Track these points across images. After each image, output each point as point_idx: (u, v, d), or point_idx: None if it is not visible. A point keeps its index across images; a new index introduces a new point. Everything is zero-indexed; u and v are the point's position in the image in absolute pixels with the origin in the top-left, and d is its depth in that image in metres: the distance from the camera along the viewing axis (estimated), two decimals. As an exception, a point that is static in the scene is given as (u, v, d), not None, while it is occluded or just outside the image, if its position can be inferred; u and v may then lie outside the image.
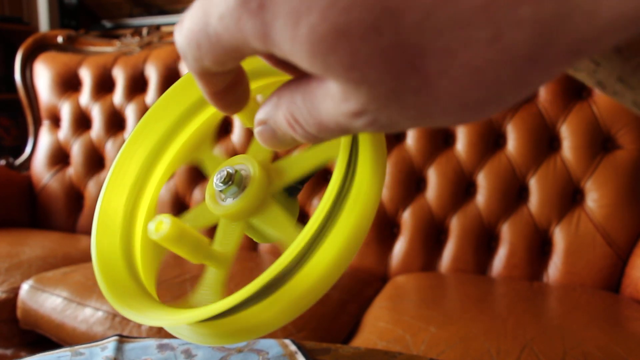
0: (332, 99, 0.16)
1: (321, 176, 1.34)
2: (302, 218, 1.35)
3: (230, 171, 0.27)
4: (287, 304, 0.23)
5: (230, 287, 0.24)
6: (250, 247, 1.38)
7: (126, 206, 0.32)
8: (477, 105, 0.15)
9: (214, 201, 0.28)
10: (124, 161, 0.32)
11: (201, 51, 0.17)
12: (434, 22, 0.13)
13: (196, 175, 1.47)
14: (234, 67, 0.19)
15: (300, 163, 0.28)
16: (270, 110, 0.19)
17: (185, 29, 0.17)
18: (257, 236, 0.30)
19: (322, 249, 0.24)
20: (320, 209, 0.23)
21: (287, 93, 0.18)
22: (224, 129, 1.47)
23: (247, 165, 0.28)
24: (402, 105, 0.15)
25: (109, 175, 0.32)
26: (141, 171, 0.32)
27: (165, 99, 0.32)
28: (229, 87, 0.21)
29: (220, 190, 0.28)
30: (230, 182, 0.27)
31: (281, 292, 0.23)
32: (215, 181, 0.28)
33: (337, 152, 0.25)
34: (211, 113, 0.34)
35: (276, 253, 1.32)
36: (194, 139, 0.34)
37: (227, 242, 0.28)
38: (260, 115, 0.20)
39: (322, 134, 0.18)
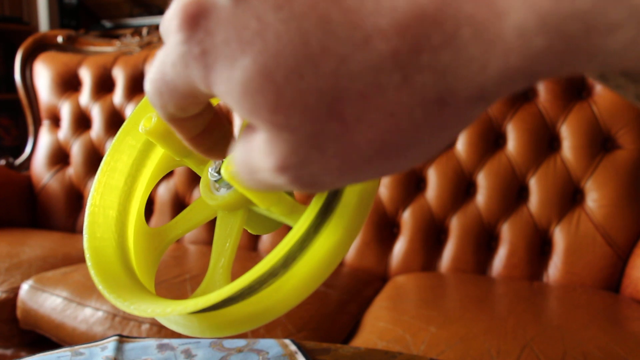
0: (258, 152, 0.17)
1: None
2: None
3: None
4: (294, 286, 0.23)
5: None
6: (250, 247, 1.38)
7: (120, 198, 0.32)
8: (398, 151, 0.15)
9: (209, 193, 0.27)
10: (116, 154, 0.32)
11: (164, 99, 0.18)
12: (349, 68, 0.14)
13: (196, 175, 1.47)
14: (199, 111, 0.20)
15: (286, 208, 0.28)
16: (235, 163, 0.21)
17: (149, 79, 0.18)
18: (257, 226, 0.30)
19: (328, 227, 0.23)
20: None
21: (239, 149, 0.19)
22: None
23: None
24: (323, 154, 0.15)
25: (100, 169, 0.32)
26: (134, 163, 0.32)
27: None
28: (205, 132, 0.22)
29: (216, 180, 0.28)
30: None
31: (288, 275, 0.23)
32: (210, 171, 0.28)
33: None
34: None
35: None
36: None
37: (227, 234, 0.28)
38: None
39: (259, 187, 0.18)
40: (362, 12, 0.14)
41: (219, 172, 0.27)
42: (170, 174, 1.51)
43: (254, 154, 0.17)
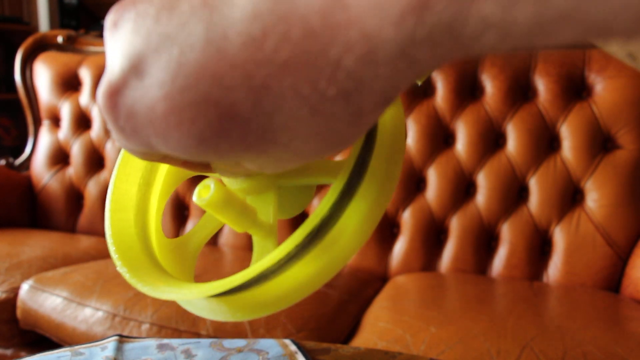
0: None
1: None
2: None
3: None
4: (330, 257, 0.23)
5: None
6: (250, 247, 1.38)
7: (140, 183, 0.31)
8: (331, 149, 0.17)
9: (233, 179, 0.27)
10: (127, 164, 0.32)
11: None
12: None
13: (199, 176, 1.47)
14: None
15: (316, 170, 0.28)
16: None
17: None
18: (287, 204, 0.29)
19: (360, 193, 0.23)
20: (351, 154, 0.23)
21: None
22: None
23: None
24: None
25: (121, 154, 0.31)
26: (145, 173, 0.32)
27: None
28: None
29: None
30: None
31: (324, 244, 0.23)
32: None
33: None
34: None
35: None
36: None
37: (264, 213, 0.27)
38: None
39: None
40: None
41: None
42: None
43: None
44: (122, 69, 0.16)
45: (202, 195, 0.23)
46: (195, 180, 1.46)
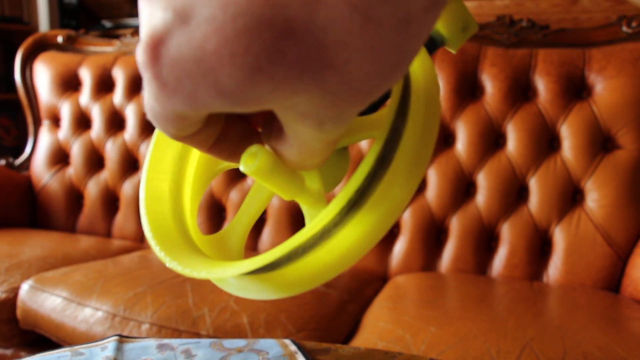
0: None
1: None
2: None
3: None
4: (369, 225, 0.22)
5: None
6: (250, 247, 1.38)
7: (171, 179, 0.31)
8: (379, 80, 0.16)
9: None
10: (165, 137, 0.31)
11: (161, 125, 0.19)
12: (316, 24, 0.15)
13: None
14: (201, 126, 0.20)
15: (353, 128, 0.27)
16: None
17: (146, 110, 0.19)
18: (327, 176, 0.29)
19: (395, 161, 0.23)
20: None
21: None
22: None
23: None
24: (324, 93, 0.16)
25: (150, 152, 0.31)
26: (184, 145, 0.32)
27: None
28: (220, 140, 0.23)
29: None
30: None
31: (374, 198, 0.22)
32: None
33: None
34: None
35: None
36: None
37: (309, 180, 0.27)
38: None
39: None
40: None
41: None
42: None
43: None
44: (164, 19, 0.16)
45: (249, 162, 0.22)
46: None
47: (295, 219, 1.35)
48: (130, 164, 1.56)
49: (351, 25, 0.15)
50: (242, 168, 0.22)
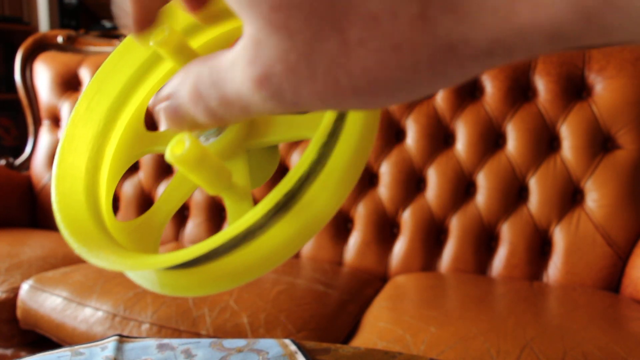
0: (239, 63, 0.16)
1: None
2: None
3: None
4: (308, 217, 0.21)
5: None
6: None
7: (91, 151, 0.29)
8: (388, 89, 0.14)
9: None
10: (84, 114, 0.30)
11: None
12: None
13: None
14: None
15: (285, 127, 0.26)
16: (177, 84, 0.19)
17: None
18: (256, 172, 0.28)
19: (334, 154, 0.22)
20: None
21: (197, 66, 0.18)
22: None
23: None
24: (312, 70, 0.14)
25: (69, 123, 0.29)
26: (105, 123, 0.30)
27: (114, 58, 0.31)
28: None
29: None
30: None
31: (302, 202, 0.21)
32: None
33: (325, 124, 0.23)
34: (167, 69, 0.32)
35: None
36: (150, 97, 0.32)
37: (237, 176, 0.26)
38: (166, 89, 0.20)
39: (223, 110, 0.17)
40: None
41: None
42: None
43: (226, 67, 0.16)
44: None
45: (176, 151, 0.21)
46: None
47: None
48: (130, 164, 1.56)
49: (405, 8, 0.13)
50: (167, 156, 0.21)
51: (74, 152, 0.29)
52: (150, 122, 1.40)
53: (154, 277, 0.24)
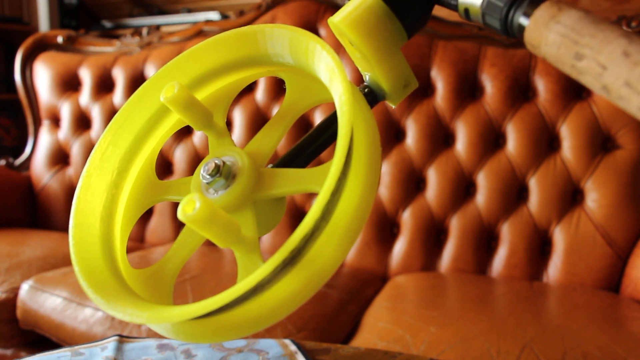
0: None
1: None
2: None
3: (218, 162, 0.27)
4: (314, 271, 0.23)
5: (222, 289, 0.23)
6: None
7: (106, 200, 0.31)
8: None
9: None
10: (99, 164, 0.32)
11: None
12: None
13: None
14: None
15: (290, 180, 0.27)
16: None
17: None
18: (263, 221, 0.29)
19: (344, 197, 0.23)
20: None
21: None
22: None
23: (235, 156, 0.28)
24: None
25: (84, 173, 0.31)
26: (118, 172, 0.32)
27: (126, 110, 0.33)
28: None
29: (208, 183, 0.27)
30: (218, 174, 0.27)
31: (308, 257, 0.23)
32: (202, 173, 0.27)
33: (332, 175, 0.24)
34: (175, 120, 0.34)
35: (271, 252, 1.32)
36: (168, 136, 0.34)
37: (245, 229, 0.27)
38: None
39: None
40: None
41: (212, 174, 0.27)
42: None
43: None
44: None
45: (187, 211, 0.22)
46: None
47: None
48: (130, 164, 1.56)
49: None
50: (179, 216, 0.22)
51: (90, 201, 0.31)
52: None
53: (169, 327, 0.25)
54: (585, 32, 0.20)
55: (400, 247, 1.25)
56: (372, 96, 0.31)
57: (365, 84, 0.32)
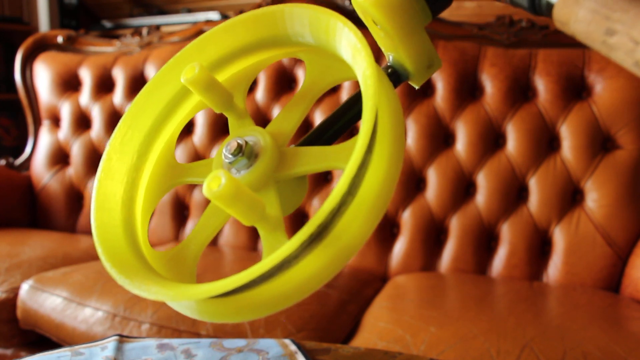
0: None
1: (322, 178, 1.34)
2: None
3: (240, 142, 0.27)
4: (339, 249, 0.22)
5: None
6: (250, 247, 1.38)
7: (126, 183, 0.31)
8: None
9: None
10: (119, 147, 0.32)
11: None
12: None
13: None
14: None
15: (313, 158, 0.27)
16: None
17: None
18: (286, 201, 0.29)
19: (367, 178, 0.23)
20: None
21: None
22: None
23: (257, 135, 0.28)
24: None
25: (105, 157, 0.31)
26: (138, 156, 0.32)
27: (145, 93, 0.33)
28: None
29: (230, 162, 0.27)
30: (241, 153, 0.27)
31: (333, 235, 0.22)
32: (224, 152, 0.27)
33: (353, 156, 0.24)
34: (195, 102, 0.33)
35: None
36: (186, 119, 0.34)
37: (269, 207, 0.27)
38: None
39: None
40: None
41: (234, 154, 0.27)
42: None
43: None
44: None
45: (212, 187, 0.22)
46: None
47: (289, 217, 1.35)
48: (130, 164, 1.56)
49: None
50: (204, 192, 0.22)
51: (110, 184, 0.31)
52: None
53: (193, 305, 0.25)
54: (617, 7, 0.20)
55: (400, 247, 1.25)
56: (395, 76, 0.31)
57: (388, 64, 0.31)
